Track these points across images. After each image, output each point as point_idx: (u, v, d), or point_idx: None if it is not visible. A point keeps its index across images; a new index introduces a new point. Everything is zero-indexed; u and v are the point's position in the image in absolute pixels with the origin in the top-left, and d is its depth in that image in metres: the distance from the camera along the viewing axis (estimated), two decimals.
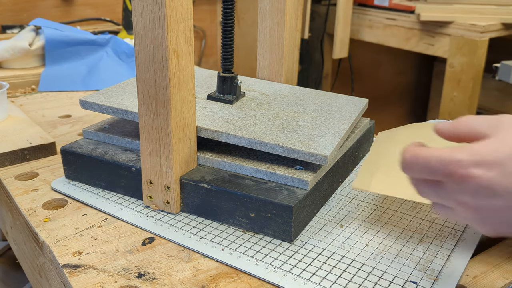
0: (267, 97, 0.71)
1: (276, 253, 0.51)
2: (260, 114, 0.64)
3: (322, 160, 0.54)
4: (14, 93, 1.06)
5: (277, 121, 0.62)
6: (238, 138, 0.57)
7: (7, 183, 0.67)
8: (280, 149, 0.55)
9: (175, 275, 0.48)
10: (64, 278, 0.49)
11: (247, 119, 0.62)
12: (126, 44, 1.19)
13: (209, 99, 0.68)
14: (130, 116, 0.62)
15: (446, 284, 0.47)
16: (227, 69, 0.68)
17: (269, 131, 0.59)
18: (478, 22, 1.49)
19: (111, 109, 0.63)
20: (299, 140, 0.57)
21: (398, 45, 1.74)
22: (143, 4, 0.50)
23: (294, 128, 0.60)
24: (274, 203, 0.52)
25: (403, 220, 0.58)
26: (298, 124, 0.61)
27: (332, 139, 0.58)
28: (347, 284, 0.47)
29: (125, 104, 0.63)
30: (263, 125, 0.60)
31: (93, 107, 0.64)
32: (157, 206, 0.59)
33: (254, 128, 0.59)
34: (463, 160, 0.37)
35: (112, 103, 0.64)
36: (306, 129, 0.60)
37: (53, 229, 0.56)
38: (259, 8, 0.76)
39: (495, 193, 0.37)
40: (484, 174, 0.37)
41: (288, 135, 0.58)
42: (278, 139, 0.56)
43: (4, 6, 1.66)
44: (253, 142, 0.57)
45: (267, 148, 0.56)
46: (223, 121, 0.61)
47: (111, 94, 0.67)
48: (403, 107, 2.41)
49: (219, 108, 0.65)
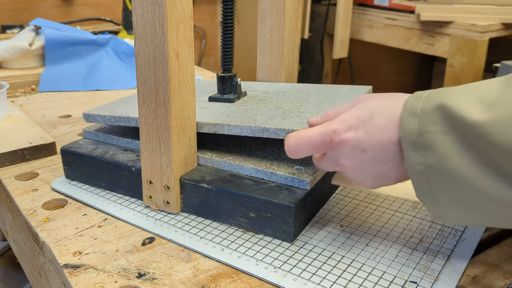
0: (269, 94, 0.71)
1: (276, 253, 0.51)
2: (262, 107, 0.64)
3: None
4: (14, 93, 1.07)
5: (279, 110, 0.62)
6: (240, 128, 0.57)
7: (7, 183, 0.67)
8: (283, 132, 0.55)
9: (175, 275, 0.48)
10: (64, 278, 0.49)
11: (249, 112, 0.62)
12: (126, 44, 1.19)
13: (211, 101, 0.68)
14: (133, 122, 0.63)
15: (446, 284, 0.47)
16: (227, 69, 0.68)
17: (270, 119, 0.58)
18: (478, 22, 1.49)
19: (114, 118, 0.64)
20: (301, 123, 0.56)
21: (398, 45, 1.74)
22: (143, 4, 0.50)
23: (296, 114, 0.60)
24: (274, 203, 0.52)
25: (403, 220, 0.58)
26: (300, 111, 0.61)
27: None
28: (347, 284, 0.47)
29: (127, 112, 0.64)
30: (265, 115, 0.60)
31: (96, 119, 0.65)
32: (157, 206, 0.59)
33: (255, 118, 0.59)
34: (335, 128, 0.46)
35: (115, 113, 0.64)
36: (308, 114, 0.59)
37: (53, 229, 0.56)
38: (259, 8, 0.76)
39: (363, 149, 0.44)
40: (354, 136, 0.45)
41: (290, 120, 0.58)
42: (280, 124, 0.56)
43: (4, 6, 1.66)
44: (255, 130, 0.56)
45: (269, 133, 0.55)
46: (224, 115, 0.61)
47: (113, 107, 0.68)
48: None
49: (221, 106, 0.66)
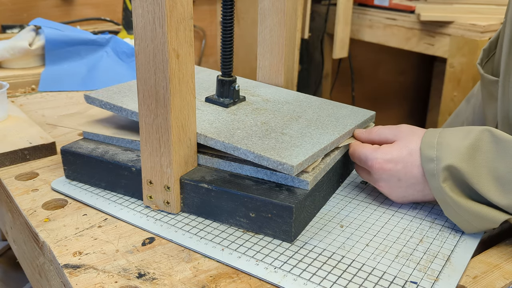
0: (267, 103, 0.70)
1: (276, 253, 0.51)
2: (250, 119, 0.63)
3: (289, 170, 0.52)
4: (14, 93, 1.06)
5: (263, 127, 0.61)
6: (215, 141, 0.57)
7: (7, 183, 0.67)
8: (251, 155, 0.55)
9: (175, 275, 0.48)
10: (64, 278, 0.49)
11: (233, 124, 0.62)
12: (126, 44, 1.19)
13: (207, 102, 0.68)
14: (125, 113, 0.63)
15: (446, 284, 0.47)
16: (226, 73, 0.68)
17: (247, 137, 0.58)
18: (478, 22, 1.49)
19: (109, 105, 0.65)
20: (273, 148, 0.56)
21: (398, 45, 1.74)
22: (143, 4, 0.50)
23: (275, 136, 0.59)
24: (274, 203, 0.52)
25: (403, 221, 0.58)
26: (282, 132, 0.60)
27: (309, 150, 0.56)
28: (347, 284, 0.47)
29: (123, 102, 0.65)
30: (245, 131, 0.60)
31: (94, 102, 0.66)
32: (157, 206, 0.59)
33: (234, 132, 0.59)
34: (378, 158, 0.58)
35: (111, 99, 0.65)
36: (287, 137, 0.59)
37: (53, 229, 0.56)
38: (259, 8, 0.76)
39: (399, 178, 0.58)
40: (392, 167, 0.57)
41: (265, 142, 0.57)
42: (252, 146, 0.56)
43: (4, 6, 1.66)
44: (227, 147, 0.57)
45: (239, 153, 0.56)
46: (207, 123, 0.61)
47: (114, 91, 0.68)
48: (403, 107, 2.41)
49: (212, 111, 0.65)
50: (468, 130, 0.55)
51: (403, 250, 0.52)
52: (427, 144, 0.56)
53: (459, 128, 0.57)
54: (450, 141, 0.55)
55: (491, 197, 0.52)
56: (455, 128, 0.57)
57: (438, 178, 0.54)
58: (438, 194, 0.54)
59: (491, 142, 0.53)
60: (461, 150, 0.53)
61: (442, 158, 0.54)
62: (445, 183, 0.53)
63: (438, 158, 0.54)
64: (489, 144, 0.53)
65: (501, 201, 0.51)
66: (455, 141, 0.55)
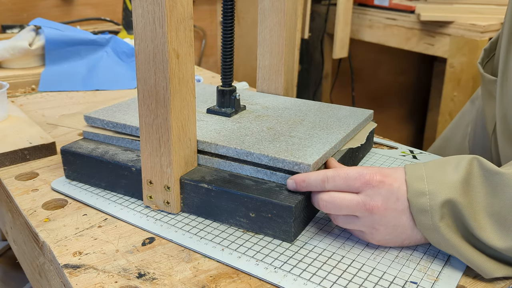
0: (267, 110, 0.71)
1: (276, 253, 0.51)
2: (255, 126, 0.65)
3: (306, 169, 0.54)
4: (14, 93, 1.06)
5: (270, 132, 0.62)
6: (226, 149, 0.58)
7: (7, 183, 0.67)
8: (266, 158, 0.56)
9: (175, 275, 0.48)
10: (64, 278, 0.49)
11: (240, 131, 0.62)
12: (126, 44, 1.19)
13: (209, 113, 0.69)
14: (128, 130, 0.64)
15: (446, 284, 0.47)
16: (227, 83, 0.69)
17: (258, 142, 0.59)
18: (478, 22, 1.49)
19: (112, 124, 0.65)
20: (286, 150, 0.57)
21: (398, 45, 1.74)
22: (143, 4, 0.50)
23: (284, 139, 0.60)
24: (274, 203, 0.52)
25: None
26: (290, 135, 0.62)
27: (321, 149, 0.57)
28: (347, 284, 0.47)
29: (125, 119, 0.65)
30: (254, 136, 0.61)
31: (96, 122, 0.67)
32: (157, 206, 0.59)
33: (244, 139, 0.60)
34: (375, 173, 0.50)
35: (113, 118, 0.66)
36: (297, 139, 0.60)
37: (53, 229, 0.56)
38: (259, 8, 0.76)
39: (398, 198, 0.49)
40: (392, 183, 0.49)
41: (276, 145, 0.58)
42: (265, 149, 0.57)
43: (4, 6, 1.66)
44: (240, 152, 0.57)
45: (253, 158, 0.57)
46: (215, 133, 0.62)
47: (114, 110, 0.69)
48: (403, 107, 2.41)
49: (216, 121, 0.66)
50: (457, 161, 0.50)
51: (403, 250, 0.52)
52: (414, 175, 0.49)
53: (444, 159, 0.51)
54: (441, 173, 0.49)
55: (487, 239, 0.46)
56: (439, 159, 0.52)
57: (433, 215, 0.47)
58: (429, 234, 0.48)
59: (481, 176, 0.48)
60: (456, 184, 0.47)
61: (437, 192, 0.47)
62: (442, 221, 0.47)
63: (432, 192, 0.48)
64: (479, 178, 0.48)
65: (499, 243, 0.46)
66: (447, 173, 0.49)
